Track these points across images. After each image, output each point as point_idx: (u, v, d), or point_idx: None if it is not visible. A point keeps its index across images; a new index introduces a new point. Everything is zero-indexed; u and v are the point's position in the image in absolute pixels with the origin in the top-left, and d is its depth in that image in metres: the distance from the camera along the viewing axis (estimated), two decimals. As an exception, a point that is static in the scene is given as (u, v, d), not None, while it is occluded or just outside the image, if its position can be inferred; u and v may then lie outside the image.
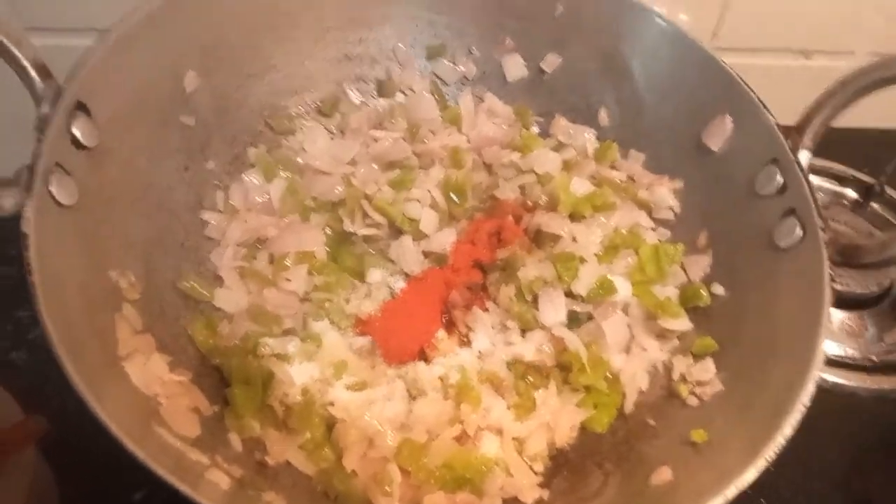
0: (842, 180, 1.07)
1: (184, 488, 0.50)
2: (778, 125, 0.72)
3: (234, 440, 0.64)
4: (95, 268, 0.63)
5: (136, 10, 0.70)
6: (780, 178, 0.71)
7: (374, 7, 0.87)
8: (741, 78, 0.75)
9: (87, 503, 0.74)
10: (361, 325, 0.77)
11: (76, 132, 0.63)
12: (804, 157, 0.71)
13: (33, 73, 0.64)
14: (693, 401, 0.70)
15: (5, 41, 0.64)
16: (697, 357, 0.73)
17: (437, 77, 0.92)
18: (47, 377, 0.51)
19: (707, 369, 0.71)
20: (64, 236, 0.60)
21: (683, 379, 0.72)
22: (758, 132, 0.73)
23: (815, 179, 1.06)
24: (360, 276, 0.81)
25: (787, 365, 0.63)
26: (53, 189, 0.59)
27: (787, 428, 0.57)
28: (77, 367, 0.51)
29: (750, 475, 0.56)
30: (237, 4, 0.78)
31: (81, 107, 0.64)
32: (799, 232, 0.68)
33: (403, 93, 0.91)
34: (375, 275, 0.80)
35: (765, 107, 0.73)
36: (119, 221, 0.68)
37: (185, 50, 0.76)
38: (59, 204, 0.60)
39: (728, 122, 0.77)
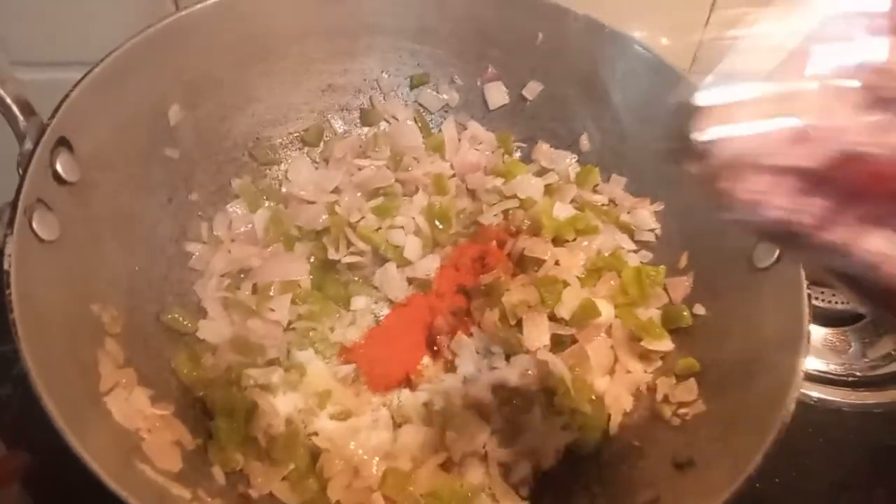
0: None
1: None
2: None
3: (217, 473, 0.64)
4: (78, 302, 0.63)
5: (119, 45, 0.71)
6: (757, 200, 0.71)
7: (358, 38, 0.88)
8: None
9: (72, 539, 0.73)
10: (346, 353, 0.77)
11: (58, 168, 0.63)
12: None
13: (16, 111, 0.64)
14: (676, 421, 0.71)
15: (-13, 79, 0.65)
16: (680, 378, 0.73)
17: (421, 105, 0.93)
18: (32, 412, 0.51)
19: (690, 390, 0.71)
20: (46, 272, 0.60)
21: (667, 400, 0.72)
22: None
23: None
24: (345, 303, 0.81)
25: (768, 384, 0.63)
26: (35, 225, 0.59)
27: (769, 444, 0.57)
28: (59, 405, 0.51)
29: (733, 494, 0.56)
30: (221, 38, 0.79)
31: (64, 142, 0.64)
32: (777, 253, 0.69)
33: (387, 121, 0.92)
34: (360, 302, 0.81)
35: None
36: (102, 255, 0.68)
37: (168, 83, 0.76)
38: (40, 240, 0.60)
39: (706, 146, 0.77)
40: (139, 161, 0.74)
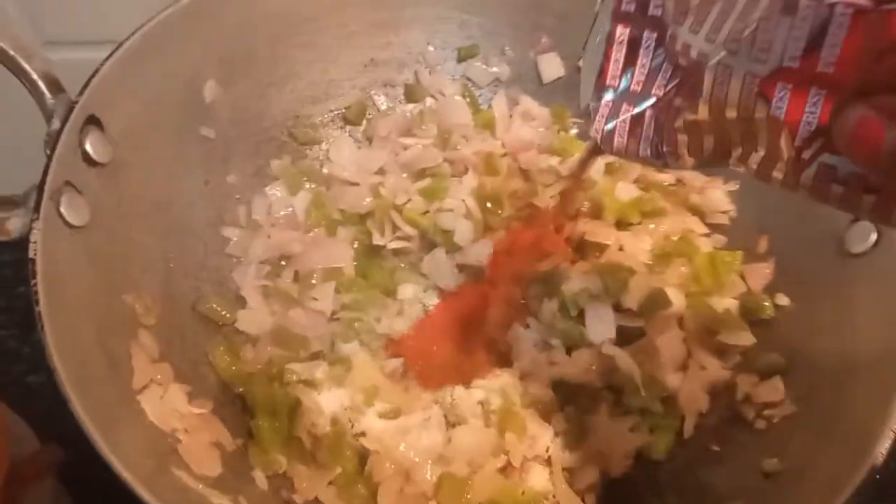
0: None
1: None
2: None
3: (259, 478, 0.60)
4: (109, 292, 0.59)
5: (151, 18, 0.66)
6: (849, 178, 0.64)
7: (401, 8, 0.82)
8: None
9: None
10: (393, 346, 0.72)
11: (88, 148, 0.60)
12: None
13: (43, 88, 0.61)
14: (761, 424, 0.64)
15: (15, 54, 0.61)
16: (763, 375, 0.66)
17: (469, 80, 0.87)
18: (65, 401, 0.47)
19: (775, 389, 0.64)
20: (75, 259, 0.56)
21: (749, 400, 0.66)
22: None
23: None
24: (391, 292, 0.76)
25: (868, 385, 0.56)
26: (63, 209, 0.56)
27: (877, 457, 0.51)
28: (89, 408, 0.47)
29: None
30: (257, 10, 0.74)
31: (93, 120, 0.60)
32: (874, 236, 0.62)
33: (433, 97, 0.86)
34: (407, 291, 0.75)
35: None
36: (135, 241, 0.64)
37: (203, 59, 0.72)
38: (69, 225, 0.56)
39: (787, 118, 0.70)
40: (174, 140, 0.70)
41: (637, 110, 0.46)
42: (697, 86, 0.41)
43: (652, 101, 0.45)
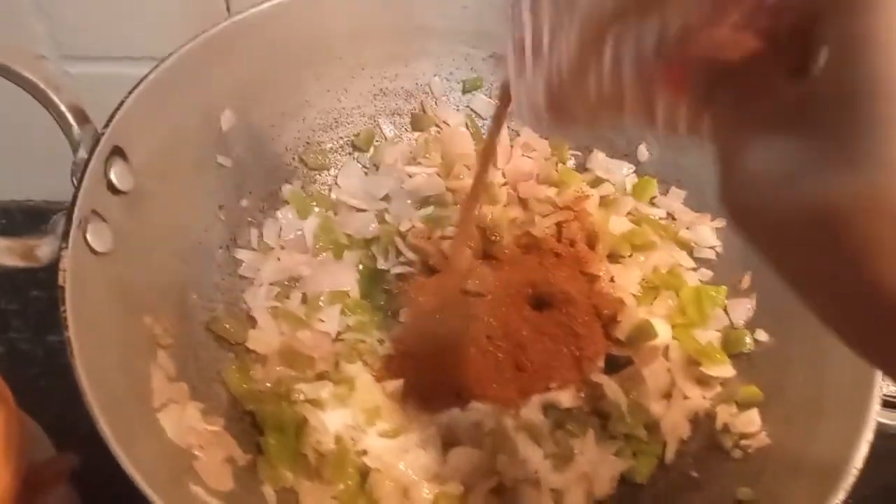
0: None
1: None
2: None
3: (268, 493, 0.63)
4: (130, 315, 0.62)
5: (173, 51, 0.70)
6: (829, 224, 0.68)
7: (412, 42, 0.86)
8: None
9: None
10: (394, 367, 0.76)
11: (113, 177, 0.63)
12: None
13: (70, 119, 0.64)
14: (738, 454, 0.68)
15: (43, 86, 0.64)
16: (742, 406, 0.70)
17: (473, 111, 0.91)
18: (78, 404, 0.50)
19: (752, 420, 0.68)
20: (100, 285, 0.59)
21: (727, 429, 0.70)
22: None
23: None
24: (394, 314, 0.80)
25: (835, 423, 0.60)
26: (90, 237, 0.59)
27: (839, 493, 0.55)
28: (113, 427, 0.50)
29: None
30: (274, 41, 0.78)
31: (118, 151, 0.64)
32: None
33: (438, 126, 0.90)
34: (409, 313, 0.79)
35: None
36: (154, 265, 0.67)
37: (221, 89, 0.75)
38: (95, 252, 0.59)
39: (773, 162, 0.74)
40: (192, 169, 0.74)
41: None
42: None
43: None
